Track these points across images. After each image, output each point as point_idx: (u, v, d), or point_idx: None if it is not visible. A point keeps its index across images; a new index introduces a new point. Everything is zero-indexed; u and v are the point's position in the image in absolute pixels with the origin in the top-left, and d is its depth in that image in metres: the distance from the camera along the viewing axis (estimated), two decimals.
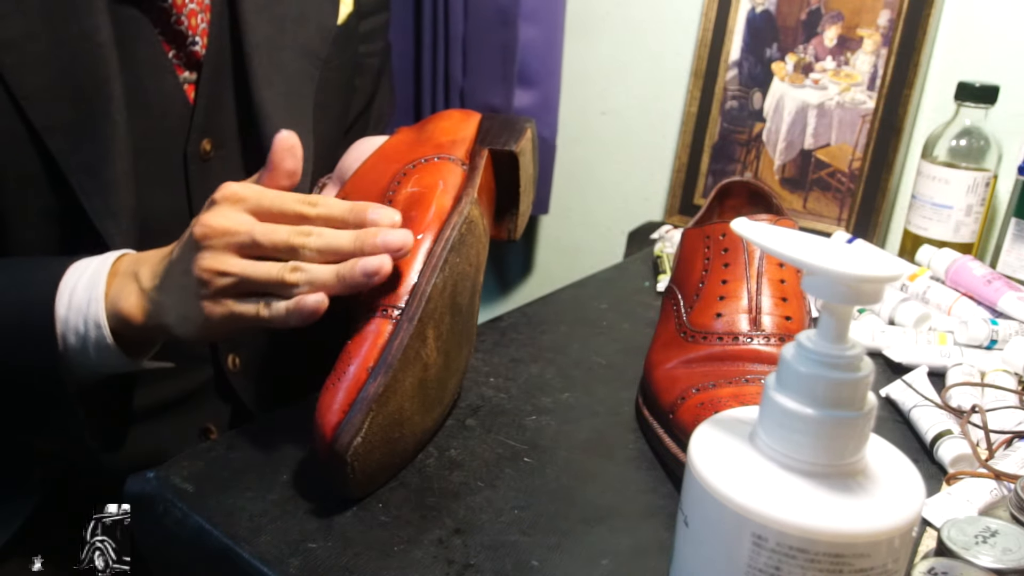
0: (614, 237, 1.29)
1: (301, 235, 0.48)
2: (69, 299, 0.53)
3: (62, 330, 0.53)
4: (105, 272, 0.54)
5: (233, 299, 0.49)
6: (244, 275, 0.48)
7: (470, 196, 0.54)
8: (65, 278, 0.53)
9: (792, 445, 0.32)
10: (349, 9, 0.74)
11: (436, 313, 0.50)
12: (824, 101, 1.04)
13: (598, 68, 1.25)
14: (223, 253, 0.48)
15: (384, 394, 0.46)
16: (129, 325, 0.53)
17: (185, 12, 0.62)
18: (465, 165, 0.57)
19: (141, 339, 0.55)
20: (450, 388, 0.55)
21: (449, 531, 0.46)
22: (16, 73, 0.55)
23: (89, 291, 0.53)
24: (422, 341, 0.49)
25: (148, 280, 0.53)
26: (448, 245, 0.51)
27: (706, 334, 0.57)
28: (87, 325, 0.52)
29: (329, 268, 0.48)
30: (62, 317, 0.53)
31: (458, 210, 0.53)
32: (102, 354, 0.53)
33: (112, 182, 0.58)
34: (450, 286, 0.51)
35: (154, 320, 0.52)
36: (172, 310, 0.51)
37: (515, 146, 0.60)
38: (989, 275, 0.75)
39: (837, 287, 0.31)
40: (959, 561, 0.40)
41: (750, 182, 0.72)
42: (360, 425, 0.45)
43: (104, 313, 0.52)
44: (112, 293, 0.53)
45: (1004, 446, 0.55)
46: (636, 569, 0.45)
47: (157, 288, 0.52)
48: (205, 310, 0.49)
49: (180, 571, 0.50)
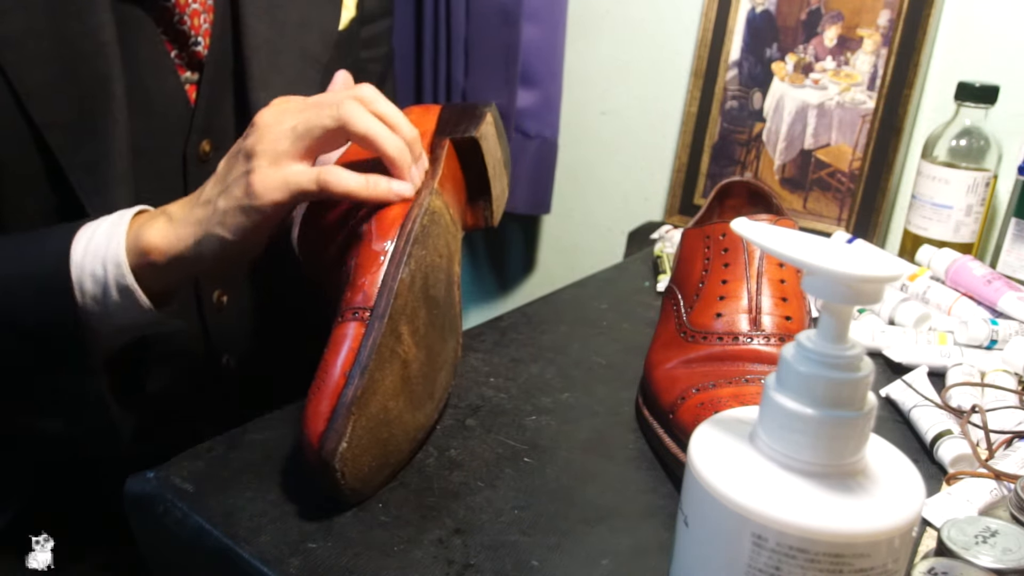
0: (614, 237, 1.29)
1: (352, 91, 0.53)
2: (86, 244, 0.53)
3: (78, 276, 0.52)
4: (128, 217, 0.54)
5: (290, 164, 0.52)
6: (307, 119, 0.52)
7: (429, 187, 0.54)
8: (83, 229, 0.54)
9: (792, 445, 0.32)
10: (351, 14, 0.74)
11: (408, 308, 0.49)
12: (824, 101, 1.04)
13: (598, 68, 1.25)
14: (281, 112, 0.53)
15: (363, 396, 0.45)
16: (151, 262, 0.53)
17: (188, 12, 0.62)
18: (428, 155, 0.57)
19: (161, 280, 0.54)
20: (440, 382, 0.54)
21: (449, 531, 0.46)
22: (18, 69, 0.55)
23: (109, 233, 0.53)
24: (396, 338, 0.48)
25: (181, 208, 0.54)
26: (410, 239, 0.50)
27: (706, 334, 0.57)
28: (106, 266, 0.52)
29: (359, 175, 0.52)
30: (78, 262, 0.52)
31: (417, 203, 0.53)
32: (122, 298, 0.53)
33: (112, 181, 0.58)
34: (419, 279, 0.51)
35: (181, 245, 0.53)
36: (209, 217, 0.52)
37: (475, 131, 0.60)
38: (989, 275, 0.75)
39: (837, 287, 0.31)
40: (959, 561, 0.40)
41: (750, 182, 0.72)
42: (343, 430, 0.44)
43: (124, 252, 0.52)
44: (134, 230, 0.53)
45: (1004, 446, 0.55)
46: (636, 569, 0.45)
47: (195, 207, 0.53)
48: (257, 185, 0.51)
49: (180, 571, 0.50)
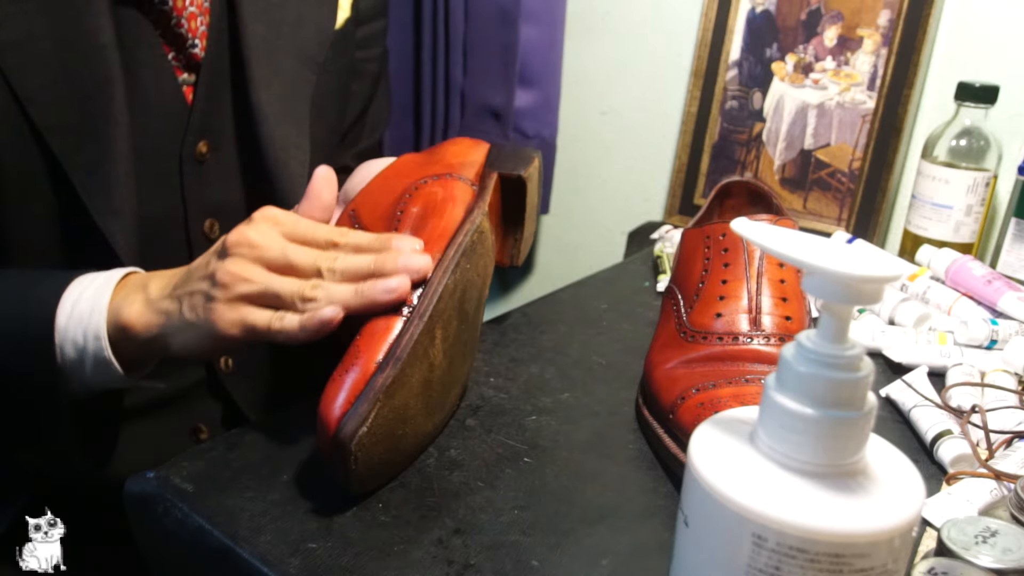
0: (614, 237, 1.29)
1: (328, 259, 0.52)
2: (71, 310, 0.53)
3: (60, 341, 0.53)
4: (112, 284, 0.54)
5: (248, 306, 0.51)
6: (267, 286, 0.50)
7: (481, 208, 0.56)
8: (69, 290, 0.54)
9: (792, 445, 0.32)
10: (346, 14, 0.74)
11: (445, 314, 0.51)
12: (824, 101, 1.04)
13: (598, 68, 1.25)
14: (251, 263, 0.51)
15: (392, 386, 0.46)
16: (128, 337, 0.53)
17: (185, 15, 0.62)
18: (475, 185, 0.59)
19: (138, 355, 0.55)
20: (452, 396, 0.56)
21: (449, 531, 0.46)
22: (19, 74, 0.55)
23: (93, 302, 0.53)
24: (431, 339, 0.49)
25: (157, 291, 0.53)
26: (461, 250, 0.52)
27: (706, 334, 0.57)
28: (86, 337, 0.53)
29: (347, 286, 0.50)
30: (62, 327, 0.53)
31: (470, 219, 0.55)
32: (99, 368, 0.53)
33: (115, 181, 0.58)
34: (460, 290, 0.52)
35: (155, 330, 0.52)
36: (178, 319, 0.52)
37: (523, 172, 0.62)
38: (989, 275, 0.75)
39: (837, 287, 0.31)
40: (959, 561, 0.40)
41: (750, 182, 0.72)
42: (366, 415, 0.45)
43: (105, 325, 0.53)
44: (115, 303, 0.53)
45: (1004, 446, 0.55)
46: (636, 569, 0.45)
47: (167, 297, 0.53)
48: (216, 313, 0.50)
49: (180, 571, 0.50)
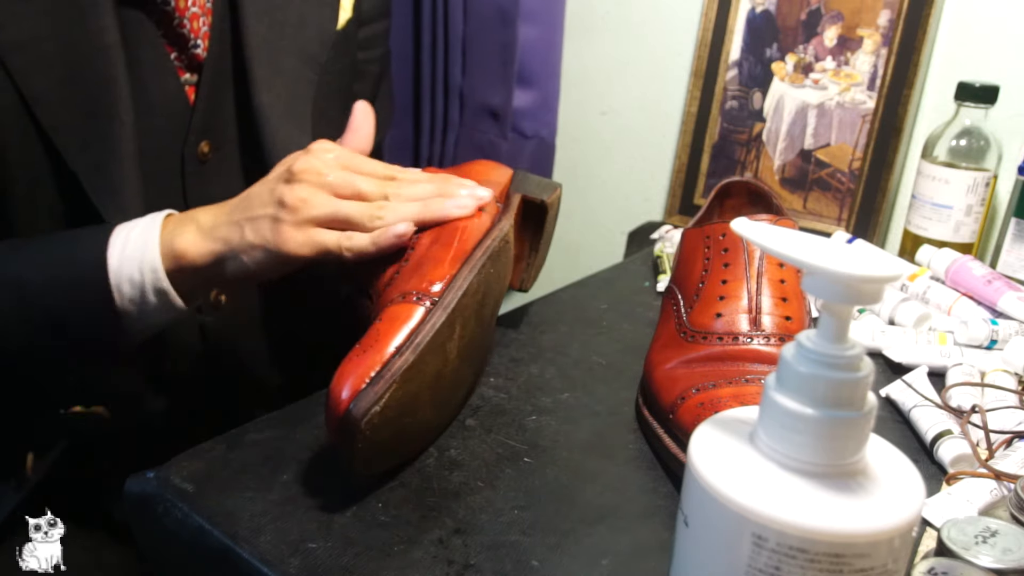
0: (614, 237, 1.29)
1: (392, 186, 0.56)
2: (121, 251, 0.54)
3: (116, 281, 0.54)
4: (159, 222, 0.55)
5: (317, 228, 0.53)
6: (337, 208, 0.53)
7: (508, 218, 0.58)
8: (114, 236, 0.55)
9: (792, 445, 0.32)
10: (348, 15, 0.74)
11: (466, 311, 0.51)
12: (824, 101, 1.04)
13: (598, 68, 1.25)
14: (318, 189, 0.53)
15: (408, 371, 0.47)
16: (182, 267, 0.54)
17: (187, 15, 0.63)
18: (499, 202, 0.60)
19: (192, 284, 0.56)
20: (458, 396, 0.56)
21: (449, 531, 0.46)
22: (24, 74, 0.56)
23: (143, 239, 0.54)
24: (450, 332, 0.50)
25: (210, 219, 0.55)
26: (488, 252, 0.53)
27: (706, 334, 0.57)
28: (143, 271, 0.54)
29: (414, 203, 0.53)
30: (115, 268, 0.54)
31: (499, 226, 0.56)
32: (158, 299, 0.54)
33: (120, 181, 0.59)
34: (482, 291, 0.53)
35: (210, 258, 0.54)
36: (239, 243, 0.53)
37: (547, 198, 0.64)
38: (989, 275, 0.75)
39: (837, 287, 0.31)
40: (959, 561, 0.40)
41: (750, 182, 0.72)
42: (381, 394, 0.45)
43: (159, 257, 0.54)
44: (165, 236, 0.54)
45: (1004, 446, 0.55)
46: (636, 569, 0.45)
47: (223, 224, 0.54)
48: (285, 235, 0.52)
49: (180, 571, 0.50)
